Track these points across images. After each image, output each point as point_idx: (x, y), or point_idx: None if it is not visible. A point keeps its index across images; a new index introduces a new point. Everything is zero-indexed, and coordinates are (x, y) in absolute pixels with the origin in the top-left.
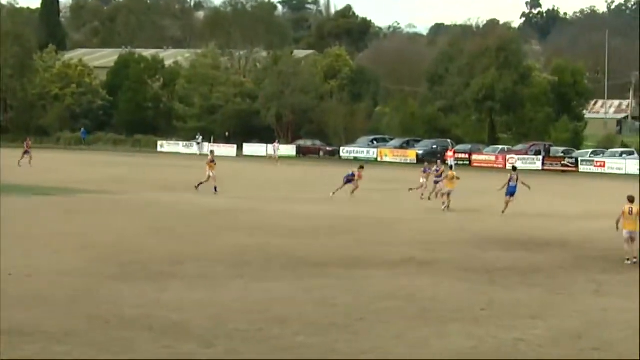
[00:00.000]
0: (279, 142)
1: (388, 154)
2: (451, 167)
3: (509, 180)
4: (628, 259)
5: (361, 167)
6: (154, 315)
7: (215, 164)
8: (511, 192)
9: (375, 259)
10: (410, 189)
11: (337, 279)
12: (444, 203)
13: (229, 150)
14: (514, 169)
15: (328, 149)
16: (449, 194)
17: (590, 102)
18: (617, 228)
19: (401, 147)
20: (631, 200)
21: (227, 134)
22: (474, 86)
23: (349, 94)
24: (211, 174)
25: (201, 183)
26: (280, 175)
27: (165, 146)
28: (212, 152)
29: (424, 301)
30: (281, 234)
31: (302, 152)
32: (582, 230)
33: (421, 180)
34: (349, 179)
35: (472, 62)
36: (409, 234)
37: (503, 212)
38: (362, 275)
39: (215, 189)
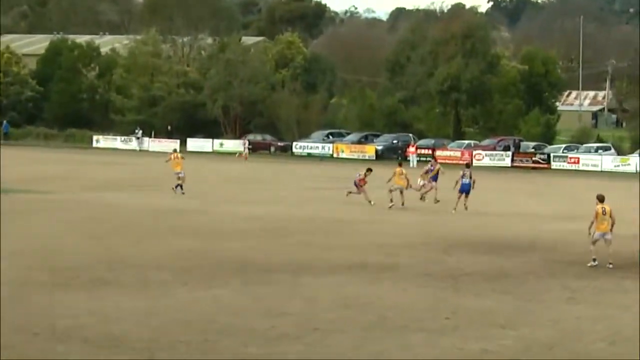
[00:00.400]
0: (229, 136)
1: (344, 150)
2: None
3: (462, 177)
4: (594, 260)
5: (369, 170)
6: (89, 327)
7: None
8: (464, 189)
9: (330, 263)
10: (349, 192)
11: (288, 285)
12: (391, 200)
13: (172, 145)
14: (467, 165)
15: (279, 144)
16: (401, 192)
17: (563, 93)
18: (589, 233)
19: (359, 142)
20: (601, 199)
21: (169, 128)
22: (437, 76)
23: (303, 84)
24: (180, 173)
25: (180, 185)
26: (228, 173)
27: (102, 141)
28: (175, 150)
29: (384, 310)
30: (228, 237)
31: (251, 147)
32: (555, 232)
33: (420, 182)
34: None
35: (436, 50)
36: (366, 237)
37: (454, 209)
38: (316, 281)
39: (179, 187)
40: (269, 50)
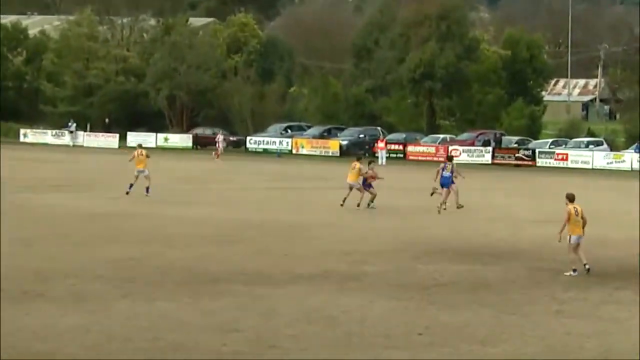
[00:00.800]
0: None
1: (305, 145)
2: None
3: (442, 169)
4: (574, 270)
5: (371, 162)
6: (17, 345)
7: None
8: (444, 184)
9: (289, 272)
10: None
11: (242, 298)
12: (344, 199)
13: (110, 140)
14: (450, 158)
15: (232, 138)
16: (358, 189)
17: (549, 81)
18: (560, 239)
19: (321, 136)
20: (572, 198)
21: (106, 120)
22: (409, 62)
23: (258, 71)
24: (144, 172)
25: (146, 187)
26: (174, 171)
27: (30, 135)
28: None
29: (350, 324)
30: (175, 243)
31: (199, 142)
32: (541, 237)
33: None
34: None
35: (407, 33)
36: (330, 243)
37: (439, 207)
38: (273, 293)
39: (144, 188)
40: (220, 33)
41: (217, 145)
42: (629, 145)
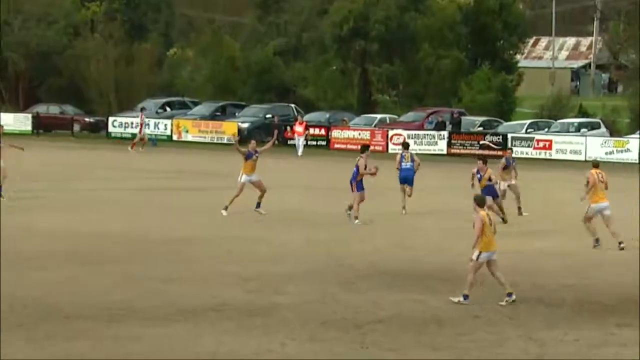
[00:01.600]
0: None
1: (190, 129)
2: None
3: (400, 161)
4: (510, 295)
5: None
6: None
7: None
8: (405, 178)
9: (169, 306)
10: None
11: (101, 339)
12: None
13: None
14: (406, 145)
15: (88, 119)
16: (252, 183)
17: (527, 40)
18: (475, 259)
19: (213, 116)
20: (481, 203)
21: None
22: (333, 14)
23: (124, 26)
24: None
25: None
26: (11, 166)
27: None
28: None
29: None
30: (14, 265)
31: (41, 125)
32: (513, 254)
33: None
34: (353, 181)
35: None
36: (227, 263)
37: (403, 208)
38: (146, 334)
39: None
40: None
41: (139, 128)
42: (634, 128)
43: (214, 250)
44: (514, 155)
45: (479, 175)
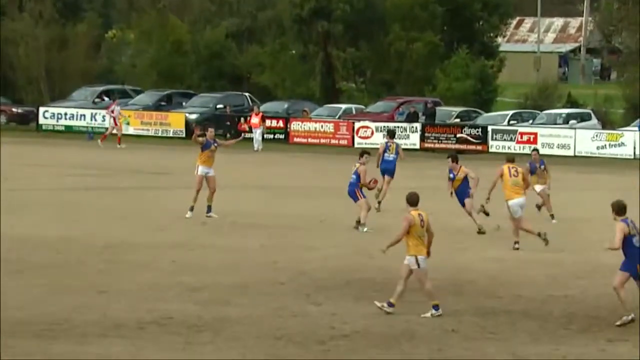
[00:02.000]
0: None
1: (131, 120)
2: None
3: (384, 150)
4: (391, 303)
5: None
6: None
7: None
8: (385, 169)
9: (104, 321)
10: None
11: (32, 357)
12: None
13: None
14: (392, 134)
15: (15, 110)
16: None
17: (509, 21)
18: (416, 266)
19: (157, 107)
20: (413, 201)
21: None
22: None
23: (56, 5)
24: None
25: None
26: None
27: None
28: None
29: None
30: None
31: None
32: (493, 263)
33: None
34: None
35: None
36: (170, 273)
37: (378, 204)
38: (78, 351)
39: None
40: None
41: (111, 120)
42: (630, 119)
43: (157, 258)
44: (495, 150)
45: (452, 175)
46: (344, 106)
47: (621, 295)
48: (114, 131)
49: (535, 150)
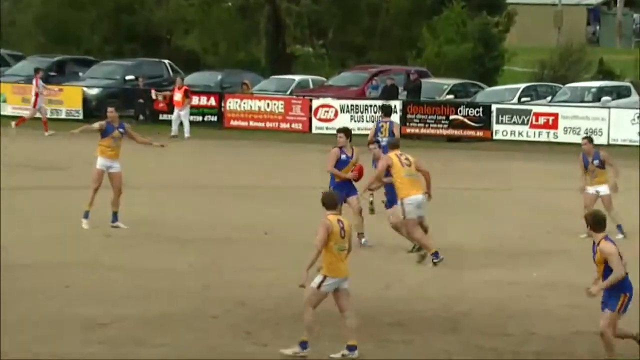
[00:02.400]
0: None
1: (9, 96)
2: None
3: (377, 129)
4: (303, 343)
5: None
6: None
7: None
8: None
9: None
10: None
11: None
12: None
13: None
14: (387, 111)
15: None
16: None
17: None
18: (316, 287)
19: (46, 79)
20: (330, 203)
21: None
22: None
23: None
24: None
25: None
26: None
27: None
28: None
29: None
30: None
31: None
32: (496, 286)
33: None
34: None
35: None
36: (60, 303)
37: (370, 205)
38: None
39: None
40: None
41: (37, 104)
42: None
43: (45, 282)
44: (499, 137)
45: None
46: (297, 78)
47: None
48: (38, 115)
49: (587, 138)
